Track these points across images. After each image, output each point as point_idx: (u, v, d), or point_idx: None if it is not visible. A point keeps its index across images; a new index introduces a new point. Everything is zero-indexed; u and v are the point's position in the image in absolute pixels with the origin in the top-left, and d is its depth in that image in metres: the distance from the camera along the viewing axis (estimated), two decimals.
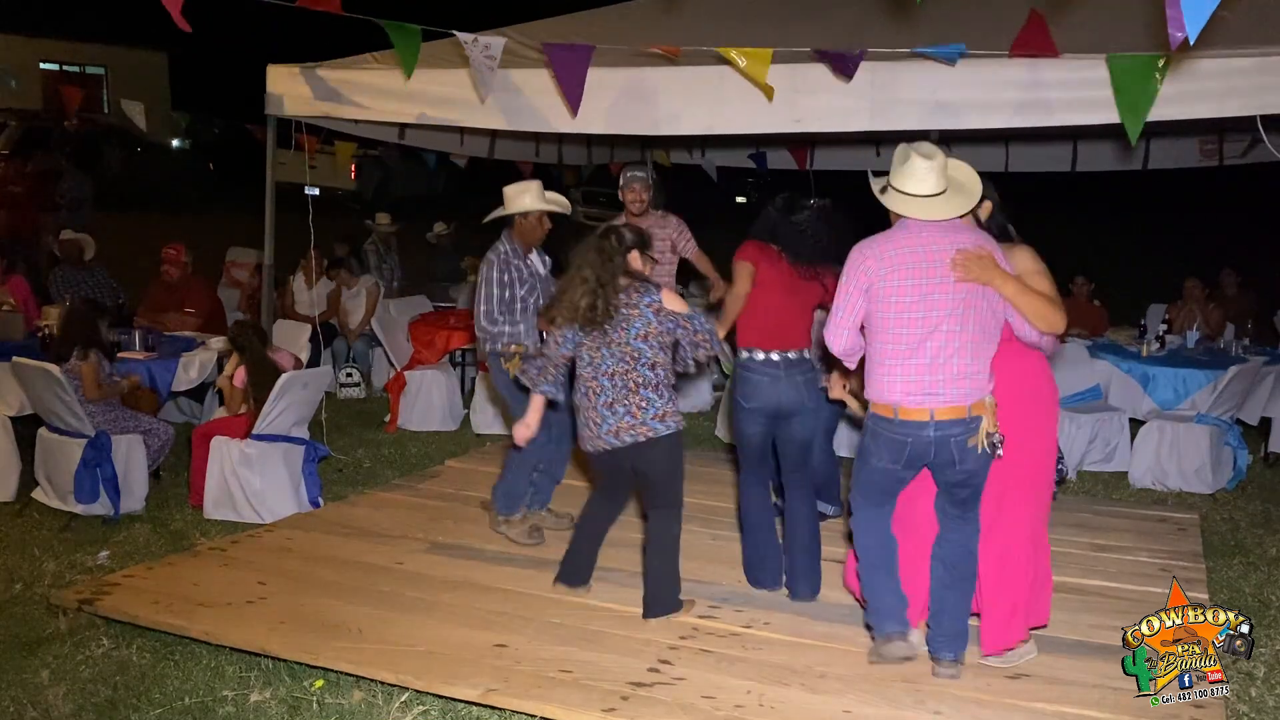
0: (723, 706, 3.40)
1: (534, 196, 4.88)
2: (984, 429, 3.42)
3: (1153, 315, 8.45)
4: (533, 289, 4.91)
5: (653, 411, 3.94)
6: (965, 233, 3.42)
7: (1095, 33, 4.92)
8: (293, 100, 6.26)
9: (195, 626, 3.90)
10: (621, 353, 3.94)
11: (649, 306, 3.95)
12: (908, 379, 3.40)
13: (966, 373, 3.38)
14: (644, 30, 6.17)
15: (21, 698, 3.63)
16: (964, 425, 3.41)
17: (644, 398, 3.94)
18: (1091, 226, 19.51)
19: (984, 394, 3.43)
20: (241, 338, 5.64)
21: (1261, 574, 5.03)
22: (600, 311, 3.91)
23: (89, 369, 5.48)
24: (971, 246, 3.36)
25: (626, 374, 3.93)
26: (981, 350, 3.41)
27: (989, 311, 3.41)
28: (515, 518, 5.01)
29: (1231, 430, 6.53)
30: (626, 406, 3.93)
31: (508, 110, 5.67)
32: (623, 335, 3.93)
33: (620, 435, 3.95)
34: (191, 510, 5.52)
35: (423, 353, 7.70)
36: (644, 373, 3.94)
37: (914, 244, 3.39)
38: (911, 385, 3.39)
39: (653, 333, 3.94)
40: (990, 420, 3.43)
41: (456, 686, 3.49)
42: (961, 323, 3.36)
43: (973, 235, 3.43)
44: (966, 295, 3.35)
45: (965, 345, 3.38)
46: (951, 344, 3.37)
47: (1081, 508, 5.81)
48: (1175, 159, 8.58)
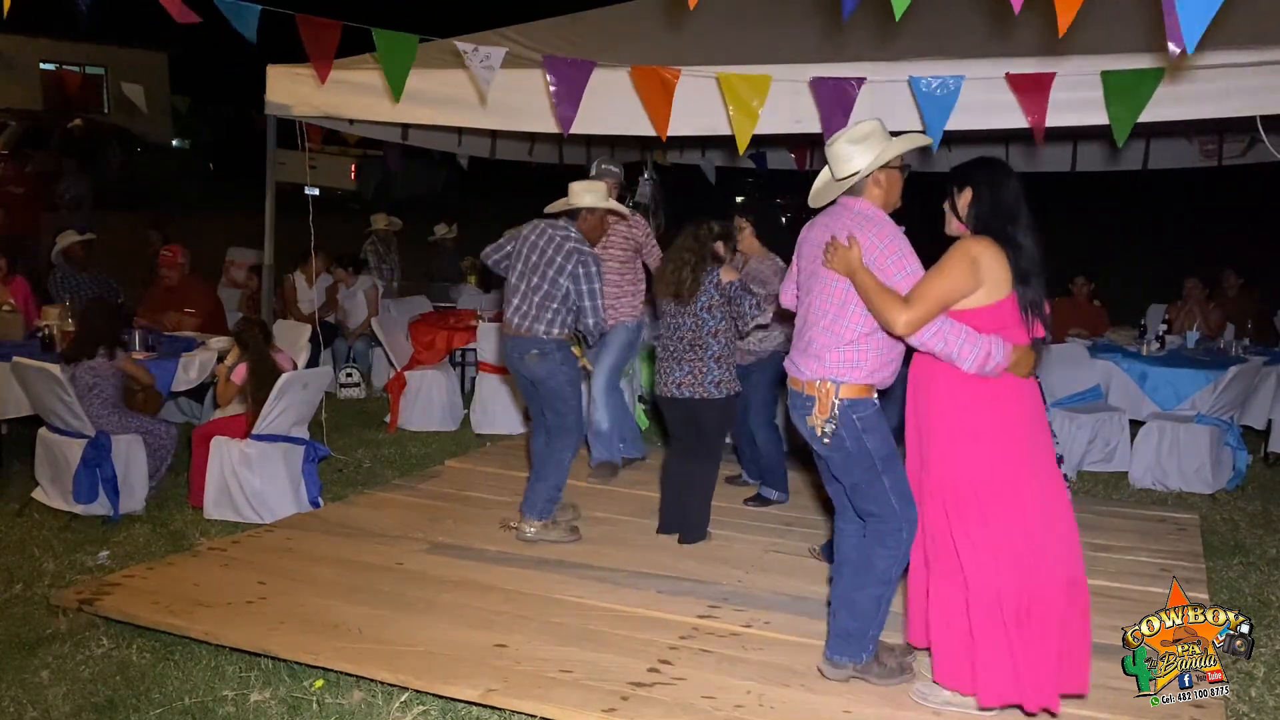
0: (723, 706, 3.40)
1: (596, 196, 5.00)
2: (815, 412, 3.42)
3: (1153, 315, 8.45)
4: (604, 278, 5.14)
5: (711, 379, 4.79)
6: (846, 218, 3.42)
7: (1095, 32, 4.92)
8: (293, 100, 6.27)
9: (195, 626, 3.90)
10: (692, 320, 4.81)
11: (711, 282, 4.80)
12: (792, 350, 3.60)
13: (813, 351, 3.43)
14: (644, 34, 6.17)
15: (21, 698, 3.63)
16: (801, 400, 3.47)
17: (705, 364, 4.79)
18: (1091, 226, 19.49)
19: (829, 377, 3.38)
20: (246, 334, 5.63)
21: (1261, 574, 5.03)
22: (688, 285, 4.77)
23: (133, 365, 5.69)
24: (843, 235, 3.35)
25: (694, 339, 4.79)
26: (835, 332, 3.38)
27: (852, 299, 3.36)
28: (553, 520, 5.01)
29: (1231, 430, 6.53)
30: (691, 366, 4.81)
31: (507, 110, 5.67)
32: (694, 306, 4.80)
33: (681, 388, 4.83)
34: (191, 510, 5.52)
35: (423, 353, 7.71)
36: (707, 340, 4.79)
37: (816, 224, 3.56)
38: (791, 355, 3.59)
39: (715, 304, 4.79)
40: (820, 405, 3.39)
41: (456, 686, 3.49)
42: (823, 305, 3.43)
43: (853, 221, 3.39)
44: (834, 280, 3.40)
45: (818, 325, 3.43)
46: (809, 320, 3.49)
47: (1081, 508, 5.74)
48: (1175, 159, 8.58)
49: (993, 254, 3.19)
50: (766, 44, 5.69)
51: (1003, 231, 3.22)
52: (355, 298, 8.73)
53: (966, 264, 3.18)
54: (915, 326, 3.16)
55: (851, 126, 3.48)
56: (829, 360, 3.39)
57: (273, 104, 6.35)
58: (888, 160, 3.42)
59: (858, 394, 3.39)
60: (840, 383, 3.38)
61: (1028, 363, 3.21)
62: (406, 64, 5.08)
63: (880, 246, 3.32)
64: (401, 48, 5.07)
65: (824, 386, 3.39)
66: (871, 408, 3.44)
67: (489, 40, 5.80)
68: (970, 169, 3.37)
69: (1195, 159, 8.54)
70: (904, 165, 3.51)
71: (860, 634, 3.51)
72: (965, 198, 3.31)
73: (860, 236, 3.32)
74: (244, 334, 5.65)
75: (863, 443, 3.40)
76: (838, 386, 3.38)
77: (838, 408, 3.38)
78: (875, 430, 3.43)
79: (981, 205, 3.27)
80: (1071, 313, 8.18)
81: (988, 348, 3.14)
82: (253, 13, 4.70)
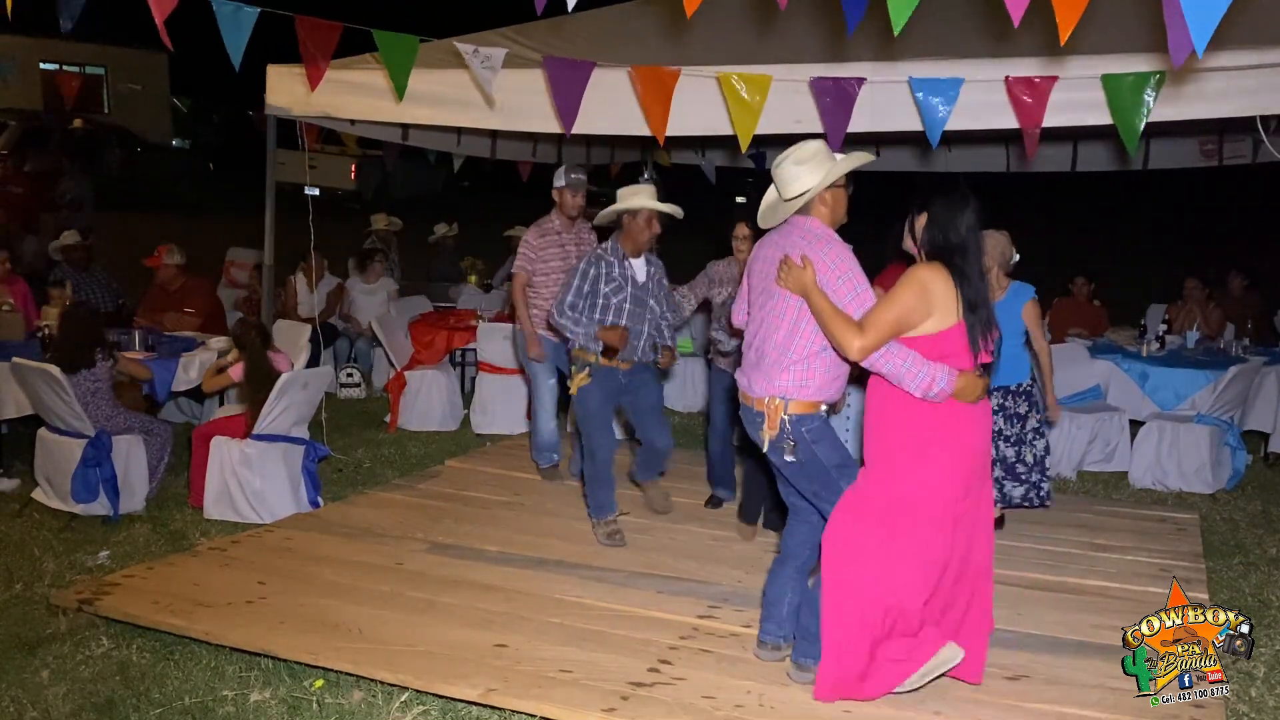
0: (723, 706, 3.40)
1: (645, 197, 4.86)
2: (765, 427, 3.52)
3: (1153, 315, 8.45)
4: (620, 289, 4.85)
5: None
6: (796, 236, 3.50)
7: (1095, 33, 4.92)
8: (293, 100, 6.26)
9: (195, 626, 3.90)
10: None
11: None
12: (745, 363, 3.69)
13: (764, 368, 3.53)
14: (644, 34, 6.16)
15: (21, 698, 3.63)
16: (752, 415, 3.59)
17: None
18: (1091, 226, 19.52)
19: (778, 394, 3.49)
20: (245, 336, 5.63)
21: (1261, 574, 5.03)
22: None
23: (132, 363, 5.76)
24: (796, 255, 3.43)
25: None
26: (785, 349, 3.48)
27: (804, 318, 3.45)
28: (605, 519, 5.01)
29: (1231, 430, 6.54)
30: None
31: (507, 110, 5.67)
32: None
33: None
34: (191, 510, 5.52)
35: (423, 353, 7.70)
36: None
37: (767, 243, 3.65)
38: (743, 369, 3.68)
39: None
40: (770, 421, 3.50)
41: (456, 686, 3.49)
42: (774, 321, 3.52)
43: (803, 240, 3.47)
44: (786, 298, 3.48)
45: (770, 341, 3.53)
46: (761, 335, 3.58)
47: (1081, 508, 5.81)
48: (1175, 159, 8.57)
49: (943, 282, 3.26)
50: (767, 44, 5.69)
51: (951, 261, 3.28)
52: (377, 294, 8.77)
53: (918, 292, 3.25)
54: (867, 353, 3.26)
55: (796, 148, 3.57)
56: (778, 380, 3.51)
57: (273, 104, 6.35)
58: (834, 180, 3.51)
59: (805, 410, 3.50)
60: (789, 399, 3.49)
61: (974, 389, 3.27)
62: (408, 64, 5.08)
63: (831, 266, 3.40)
64: (403, 48, 5.07)
65: (773, 404, 3.51)
66: (819, 420, 3.55)
67: (489, 40, 5.80)
68: (930, 195, 3.43)
69: (1195, 159, 8.54)
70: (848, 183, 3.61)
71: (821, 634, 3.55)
72: (921, 222, 3.38)
73: (812, 255, 3.41)
74: (242, 336, 5.65)
75: (814, 453, 3.51)
76: (786, 403, 3.49)
77: (787, 423, 3.49)
78: (824, 439, 3.54)
79: (935, 232, 3.33)
80: (1071, 313, 8.18)
81: (932, 373, 3.22)
82: (248, 20, 4.69)
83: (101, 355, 5.49)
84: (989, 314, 3.32)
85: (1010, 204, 3.79)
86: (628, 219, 4.87)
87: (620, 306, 4.85)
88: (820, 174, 3.50)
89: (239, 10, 4.69)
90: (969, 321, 3.27)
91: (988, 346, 3.32)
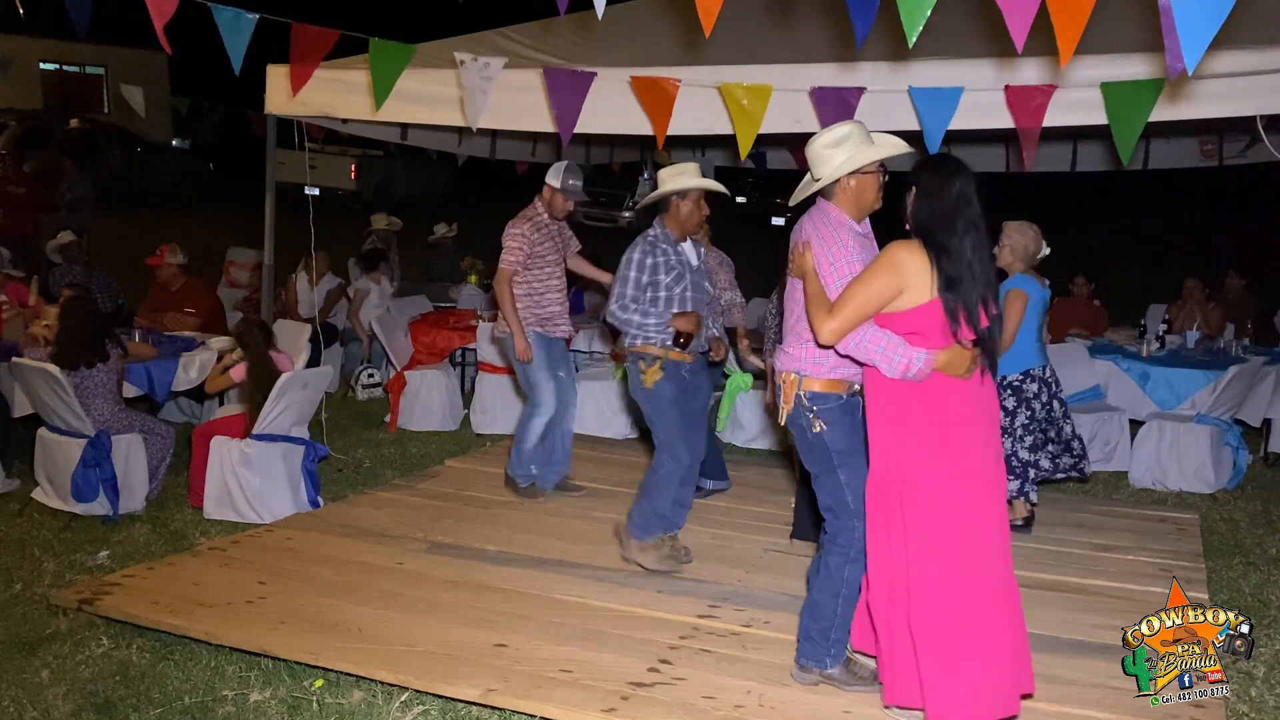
0: (723, 706, 3.40)
1: (690, 175, 4.62)
2: (781, 401, 3.57)
3: (1153, 315, 8.46)
4: (680, 277, 4.59)
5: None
6: (809, 221, 3.53)
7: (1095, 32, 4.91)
8: (292, 100, 6.26)
9: (195, 626, 3.90)
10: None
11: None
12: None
13: (785, 346, 3.59)
14: (644, 33, 6.16)
15: (21, 698, 3.63)
16: (777, 391, 3.63)
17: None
18: (1091, 226, 19.50)
19: (794, 370, 3.52)
20: (246, 335, 5.63)
21: (1261, 574, 5.03)
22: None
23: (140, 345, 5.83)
24: (801, 238, 3.48)
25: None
26: (798, 331, 3.52)
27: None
28: (650, 542, 4.66)
29: (1231, 430, 6.53)
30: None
31: (507, 110, 5.66)
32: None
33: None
34: (191, 510, 5.52)
35: (423, 353, 7.70)
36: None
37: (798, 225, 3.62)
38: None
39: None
40: (785, 395, 3.54)
41: (456, 686, 3.49)
42: (790, 303, 3.58)
43: (810, 225, 3.50)
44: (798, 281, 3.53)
45: (788, 321, 3.60)
46: (785, 316, 3.64)
47: (1081, 508, 5.81)
48: (1175, 159, 8.58)
49: (917, 258, 3.16)
50: (770, 44, 5.69)
51: (932, 237, 3.18)
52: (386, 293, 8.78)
53: (887, 269, 3.19)
54: (838, 336, 3.23)
55: (830, 129, 3.52)
56: (795, 355, 3.53)
57: (273, 104, 6.34)
58: (857, 167, 3.45)
59: (822, 388, 3.49)
60: (804, 376, 3.50)
61: (960, 362, 3.15)
62: (395, 73, 5.08)
63: (825, 252, 3.40)
64: (394, 56, 5.06)
65: (788, 378, 3.54)
66: (834, 402, 3.50)
67: (486, 40, 5.80)
68: (918, 169, 3.32)
69: (1195, 159, 8.54)
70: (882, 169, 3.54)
71: (822, 636, 3.53)
72: (910, 197, 3.29)
73: (814, 240, 3.44)
74: (244, 335, 5.64)
75: (820, 435, 3.49)
76: (801, 379, 3.50)
77: (803, 399, 3.51)
78: (836, 425, 3.50)
79: (919, 206, 3.24)
80: (1071, 313, 8.19)
81: (908, 355, 3.16)
82: (248, 25, 4.69)
83: (111, 345, 5.49)
84: (979, 292, 3.16)
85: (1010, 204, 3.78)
86: (675, 201, 4.60)
87: (684, 296, 4.59)
88: (844, 158, 3.45)
89: (239, 16, 4.70)
90: (945, 299, 3.15)
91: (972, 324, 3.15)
